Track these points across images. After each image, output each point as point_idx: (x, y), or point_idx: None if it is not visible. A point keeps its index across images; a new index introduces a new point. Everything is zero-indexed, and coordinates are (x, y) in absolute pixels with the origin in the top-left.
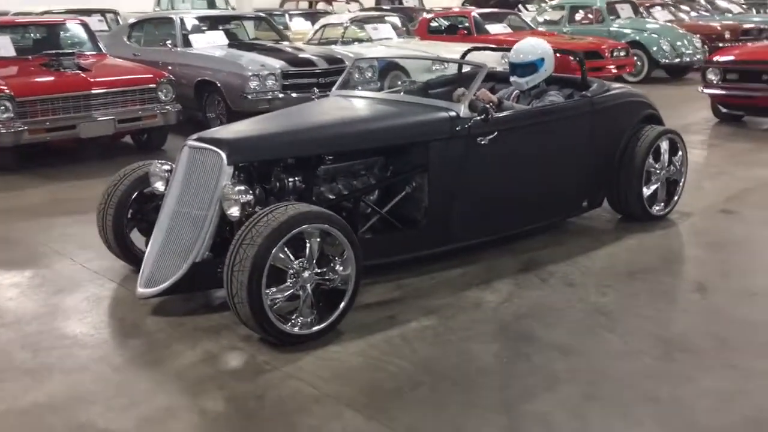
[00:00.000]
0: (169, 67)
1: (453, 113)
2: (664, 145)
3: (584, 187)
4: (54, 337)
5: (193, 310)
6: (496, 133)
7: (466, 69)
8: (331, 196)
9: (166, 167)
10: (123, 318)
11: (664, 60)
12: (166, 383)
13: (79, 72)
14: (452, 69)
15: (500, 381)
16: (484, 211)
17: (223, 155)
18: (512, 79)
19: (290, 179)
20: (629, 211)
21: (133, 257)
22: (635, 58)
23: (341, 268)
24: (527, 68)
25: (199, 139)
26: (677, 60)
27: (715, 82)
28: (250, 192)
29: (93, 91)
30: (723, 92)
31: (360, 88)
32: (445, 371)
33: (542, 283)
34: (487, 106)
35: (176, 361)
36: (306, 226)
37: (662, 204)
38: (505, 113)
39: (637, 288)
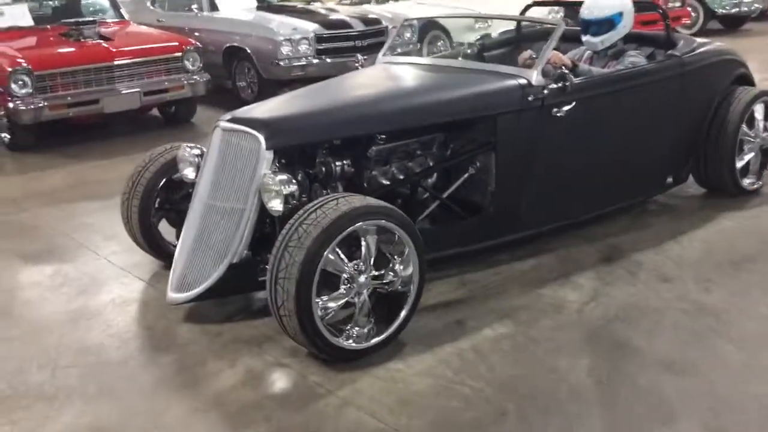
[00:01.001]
0: (196, 34)
1: (524, 81)
2: (759, 110)
3: (670, 161)
4: (75, 351)
5: (230, 316)
6: (574, 104)
7: (526, 27)
8: (384, 181)
9: (196, 151)
10: (152, 327)
11: (721, 10)
12: (202, 412)
13: (101, 42)
14: (498, 27)
15: (601, 409)
16: (559, 194)
17: (262, 138)
18: (585, 38)
19: (337, 163)
20: (719, 185)
21: (162, 251)
22: (689, 8)
23: (401, 267)
24: (603, 25)
25: (233, 120)
26: (735, 10)
27: None
28: (294, 181)
29: (116, 62)
30: None
31: (401, 52)
32: (530, 395)
33: (631, 277)
34: (564, 71)
35: (214, 384)
36: (361, 223)
37: (754, 177)
38: (582, 79)
39: (746, 282)
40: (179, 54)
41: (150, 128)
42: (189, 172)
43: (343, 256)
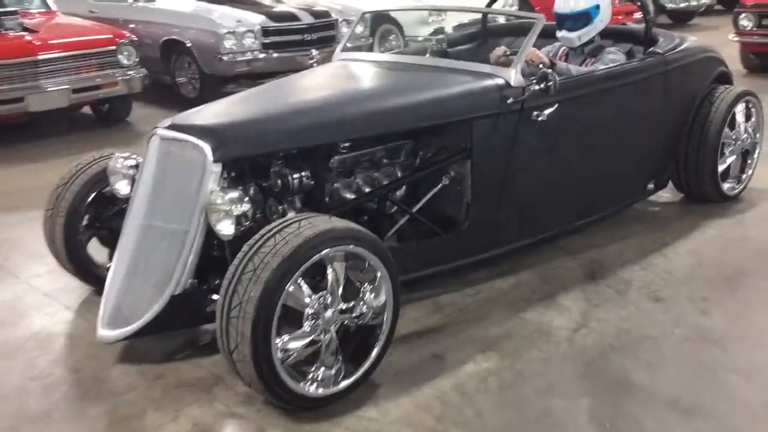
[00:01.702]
0: (131, 26)
1: (501, 81)
2: (740, 110)
3: (652, 166)
4: None
5: (173, 353)
6: (556, 106)
7: (492, 21)
8: (348, 195)
9: (131, 162)
10: (80, 369)
11: (670, 5)
12: None
13: (24, 34)
14: (451, 21)
15: None
16: (539, 205)
17: (208, 149)
18: (560, 34)
19: (295, 175)
20: (699, 191)
21: (91, 276)
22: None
23: (372, 296)
24: (579, 19)
25: (173, 127)
26: (684, 5)
27: (749, 28)
28: (246, 199)
29: (41, 57)
30: (759, 40)
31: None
32: None
33: (620, 297)
34: (546, 71)
35: None
36: (328, 250)
37: (734, 181)
38: (564, 79)
39: (744, 301)
40: (112, 48)
41: (81, 128)
42: (122, 187)
43: (306, 288)
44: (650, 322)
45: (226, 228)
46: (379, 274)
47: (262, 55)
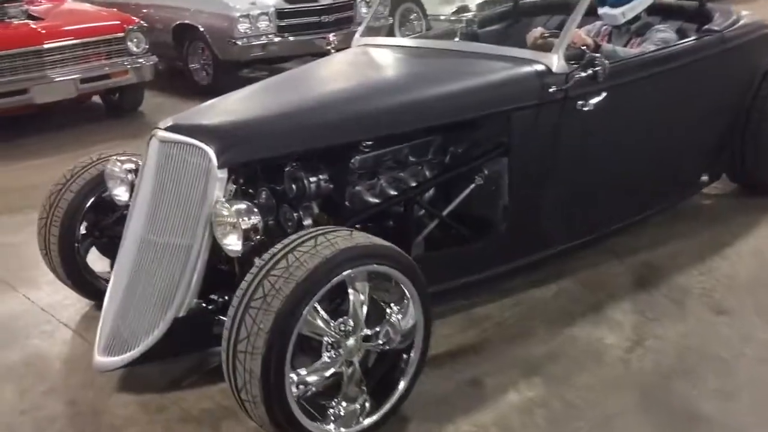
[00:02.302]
0: (143, 10)
1: (542, 67)
2: None
3: (706, 156)
4: None
5: (177, 381)
6: (604, 94)
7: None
8: (371, 199)
9: (129, 165)
10: (75, 401)
11: None
12: None
13: (29, 22)
14: None
15: None
16: (585, 204)
17: (212, 153)
18: (602, 10)
19: (312, 178)
20: (757, 180)
21: (91, 289)
22: None
23: (400, 318)
24: None
25: (173, 128)
26: None
27: None
28: (255, 210)
29: (46, 46)
30: None
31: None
32: None
33: (677, 308)
34: (594, 54)
35: None
36: (350, 271)
37: None
38: (613, 63)
39: None
40: (121, 34)
41: (91, 119)
42: (121, 193)
43: (324, 314)
44: (715, 339)
45: (233, 243)
46: (407, 294)
47: (277, 39)
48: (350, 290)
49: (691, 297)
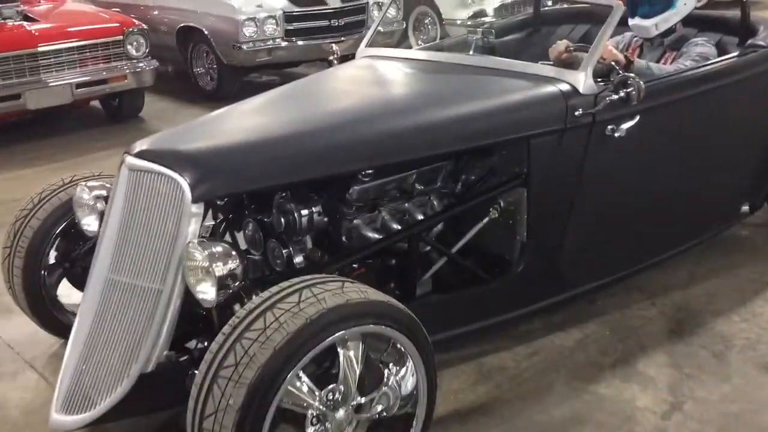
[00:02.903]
0: (148, 12)
1: (567, 87)
2: None
3: (747, 184)
4: None
5: None
6: (638, 118)
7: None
8: (370, 234)
9: (100, 191)
10: None
11: None
12: None
13: (24, 23)
14: (493, 2)
15: None
16: (612, 240)
17: (185, 185)
18: (632, 22)
19: (303, 211)
20: None
21: (61, 326)
22: None
23: (399, 379)
24: (657, 2)
25: (143, 154)
26: None
27: None
28: (234, 254)
29: (41, 49)
30: None
31: (383, 32)
32: None
33: (718, 362)
34: (628, 74)
35: None
36: (342, 332)
37: None
38: (647, 82)
39: None
40: (120, 37)
41: (89, 125)
42: (90, 222)
43: (308, 382)
44: (764, 405)
45: (207, 292)
46: (407, 354)
47: (284, 44)
48: (340, 352)
49: (733, 349)
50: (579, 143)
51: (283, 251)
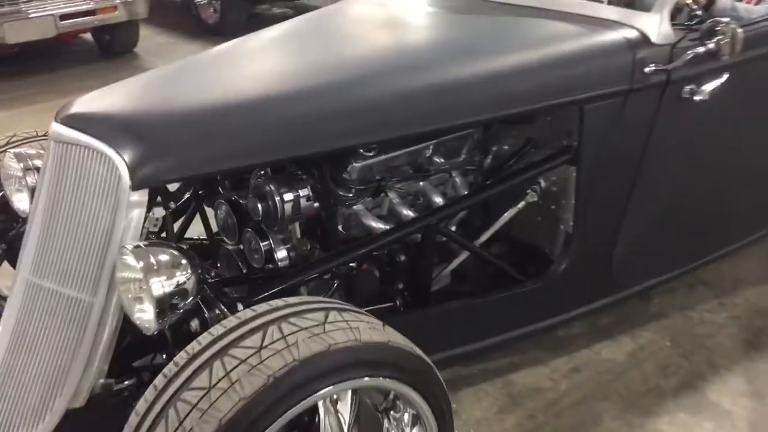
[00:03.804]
0: None
1: (634, 35)
2: None
3: None
4: None
5: None
6: (725, 76)
7: None
8: (373, 223)
9: (32, 162)
10: None
11: None
12: None
13: None
14: None
15: None
16: (678, 231)
17: (122, 165)
18: None
19: (287, 195)
20: None
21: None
22: None
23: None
24: None
25: (71, 120)
26: None
27: None
28: (183, 263)
29: None
30: None
31: None
32: None
33: None
34: (721, 19)
35: None
36: (321, 392)
37: None
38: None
39: None
40: None
41: (77, 63)
42: (22, 200)
43: None
44: None
45: (146, 318)
46: (416, 409)
47: None
48: (321, 409)
49: None
50: (647, 109)
51: (262, 244)
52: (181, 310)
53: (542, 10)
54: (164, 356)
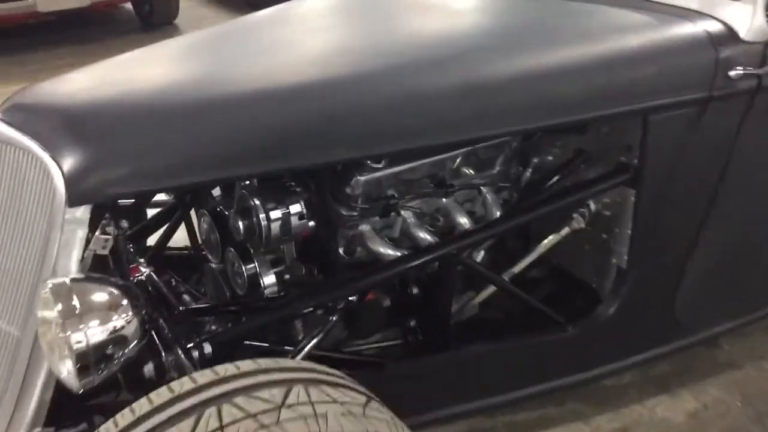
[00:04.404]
0: None
1: (718, 28)
2: None
3: None
4: None
5: None
6: None
7: None
8: (382, 249)
9: None
10: None
11: None
12: None
13: None
14: None
15: None
16: (757, 267)
17: (57, 175)
18: None
19: (275, 211)
20: None
21: None
22: None
23: None
24: None
25: (9, 113)
26: None
27: None
28: (124, 305)
29: None
30: None
31: None
32: None
33: None
34: None
35: None
36: None
37: None
38: None
39: None
40: None
41: (112, 34)
42: None
43: None
44: None
45: (66, 375)
46: None
47: None
48: None
49: None
50: (729, 122)
51: (245, 267)
52: (121, 360)
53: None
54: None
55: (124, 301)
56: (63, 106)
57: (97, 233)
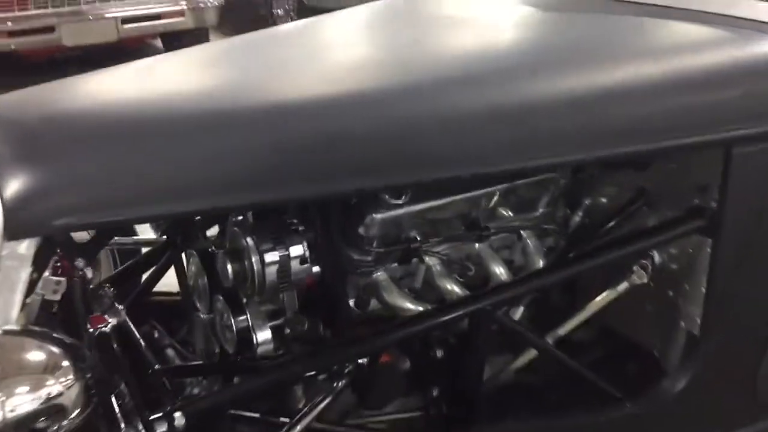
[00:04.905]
0: None
1: None
2: None
3: None
4: None
5: None
6: None
7: None
8: (403, 303)
9: None
10: None
11: None
12: None
13: None
14: None
15: None
16: None
17: None
18: None
19: (270, 253)
20: None
21: None
22: None
23: None
24: None
25: None
26: None
27: None
28: (64, 367)
29: None
30: None
31: None
32: None
33: None
34: None
35: None
36: None
37: None
38: None
39: None
40: None
41: None
42: None
43: None
44: None
45: None
46: None
47: None
48: None
49: None
50: None
51: (235, 319)
52: None
53: (673, 9)
54: None
55: (64, 362)
56: (12, 121)
57: (46, 274)
